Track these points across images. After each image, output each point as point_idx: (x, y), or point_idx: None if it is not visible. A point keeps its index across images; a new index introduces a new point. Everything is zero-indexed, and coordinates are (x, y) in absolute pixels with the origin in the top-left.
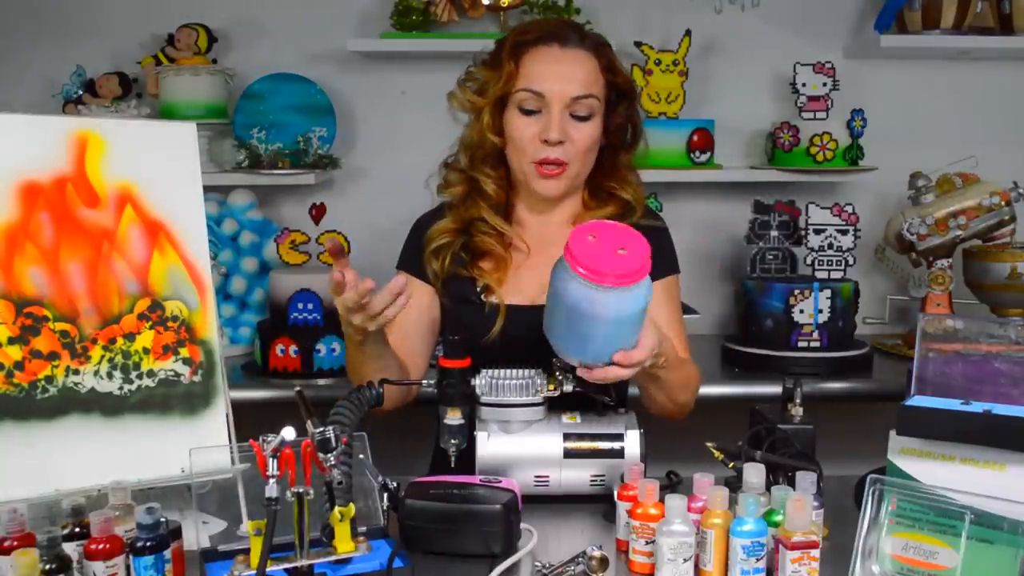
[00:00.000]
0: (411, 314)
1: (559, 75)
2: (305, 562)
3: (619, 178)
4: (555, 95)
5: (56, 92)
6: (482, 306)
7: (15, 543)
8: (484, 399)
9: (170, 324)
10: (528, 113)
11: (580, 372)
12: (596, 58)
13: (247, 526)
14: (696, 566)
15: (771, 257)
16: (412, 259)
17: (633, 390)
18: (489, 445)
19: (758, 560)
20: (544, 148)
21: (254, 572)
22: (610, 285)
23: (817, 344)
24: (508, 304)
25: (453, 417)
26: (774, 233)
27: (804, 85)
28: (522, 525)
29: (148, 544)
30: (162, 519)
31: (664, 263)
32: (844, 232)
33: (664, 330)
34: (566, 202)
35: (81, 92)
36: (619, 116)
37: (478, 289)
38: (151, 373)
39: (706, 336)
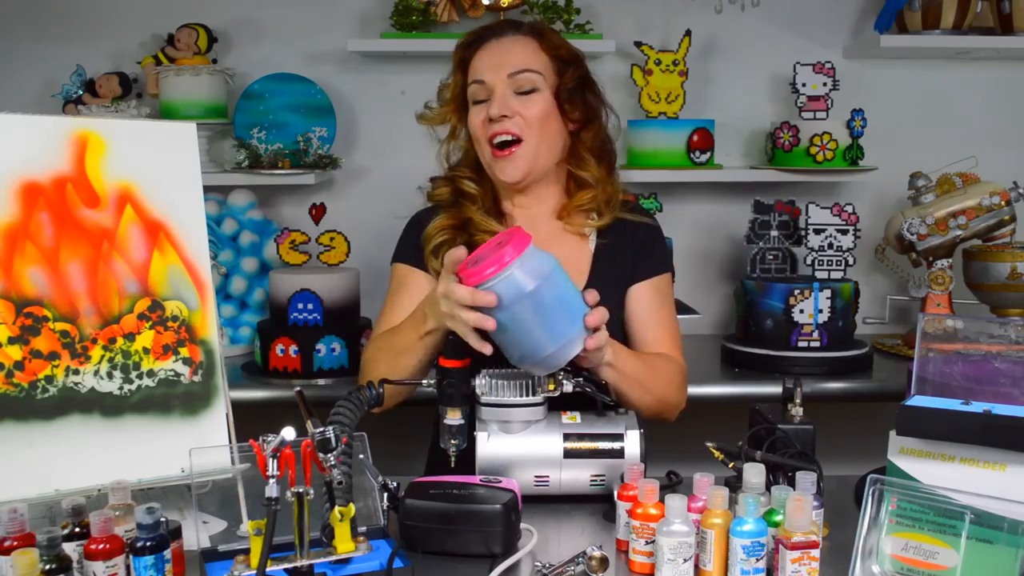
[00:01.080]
0: (412, 303)
1: (496, 60)
2: (305, 562)
3: (577, 160)
4: (495, 77)
5: (56, 92)
6: None
7: (15, 543)
8: (484, 399)
9: (170, 324)
10: (479, 103)
11: (583, 361)
12: (535, 39)
13: (247, 526)
14: (696, 566)
15: (771, 257)
16: (410, 251)
17: None
18: (489, 445)
19: (758, 560)
20: (491, 126)
21: (254, 572)
22: (509, 263)
23: (817, 344)
24: None
25: (453, 417)
26: (774, 233)
27: (804, 85)
28: (522, 525)
29: (148, 544)
30: (162, 519)
31: (656, 263)
32: (844, 232)
33: (656, 328)
34: (546, 193)
35: (81, 92)
36: (568, 82)
37: None
38: (151, 373)
39: (706, 336)
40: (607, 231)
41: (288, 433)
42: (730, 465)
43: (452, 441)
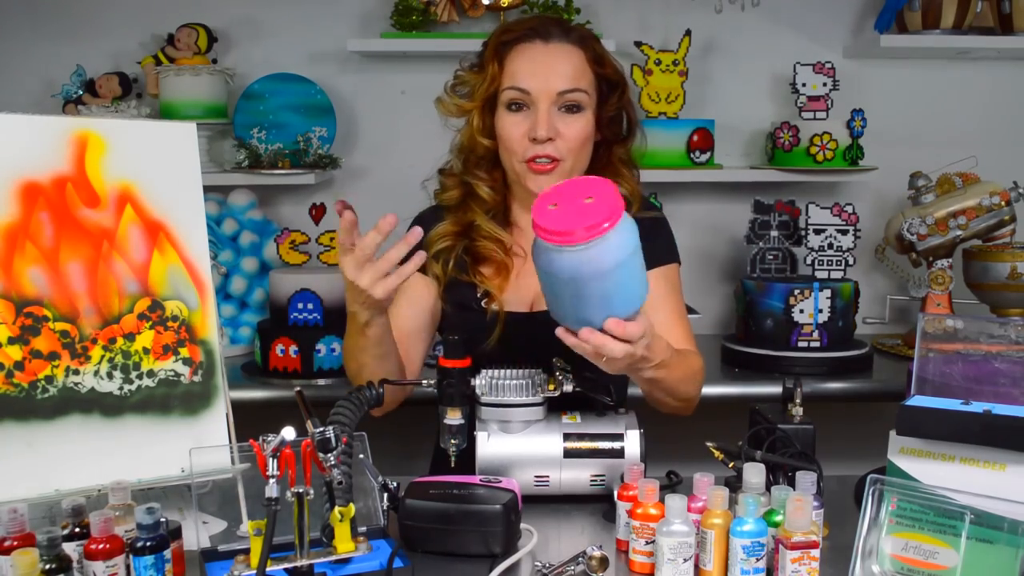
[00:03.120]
0: (410, 309)
1: (543, 70)
2: (305, 562)
3: (613, 172)
4: (541, 91)
5: (56, 92)
6: (483, 313)
7: (15, 543)
8: (484, 399)
9: (170, 324)
10: (516, 110)
11: (561, 334)
12: (582, 51)
13: (247, 526)
14: (696, 566)
15: (771, 257)
16: (410, 254)
17: (634, 390)
18: (489, 445)
19: (758, 560)
20: (533, 146)
21: (254, 572)
22: (590, 239)
23: (817, 344)
24: (507, 311)
25: (453, 417)
26: (774, 233)
27: (804, 85)
28: (522, 525)
29: (148, 544)
30: (162, 519)
31: (662, 251)
32: (844, 232)
33: (665, 319)
34: None
35: (81, 92)
36: (611, 108)
37: (479, 295)
38: (151, 373)
39: (706, 336)
40: None
41: (288, 433)
42: (730, 465)
43: (452, 441)
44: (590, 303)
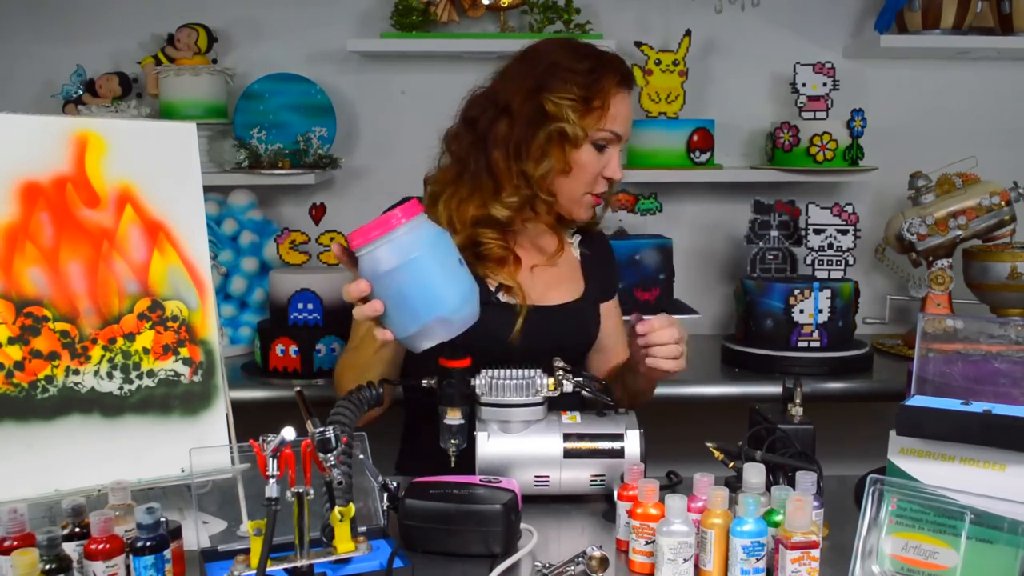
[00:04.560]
0: None
1: (627, 119)
2: (305, 562)
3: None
4: (623, 137)
5: (56, 92)
6: (500, 307)
7: (15, 543)
8: (484, 399)
9: (170, 324)
10: (600, 149)
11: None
12: None
13: (247, 526)
14: (696, 566)
15: (771, 257)
16: None
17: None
18: (489, 445)
19: (758, 560)
20: (602, 183)
21: (254, 572)
22: (380, 236)
23: (817, 344)
24: (529, 304)
25: (453, 417)
26: (774, 233)
27: (804, 85)
28: (522, 525)
29: (148, 544)
30: (162, 519)
31: (616, 277)
32: (844, 232)
33: (619, 337)
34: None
35: (81, 92)
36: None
37: (492, 289)
38: (151, 373)
39: (706, 336)
40: (584, 241)
41: (288, 433)
42: (730, 465)
43: (452, 441)
44: (406, 299)
